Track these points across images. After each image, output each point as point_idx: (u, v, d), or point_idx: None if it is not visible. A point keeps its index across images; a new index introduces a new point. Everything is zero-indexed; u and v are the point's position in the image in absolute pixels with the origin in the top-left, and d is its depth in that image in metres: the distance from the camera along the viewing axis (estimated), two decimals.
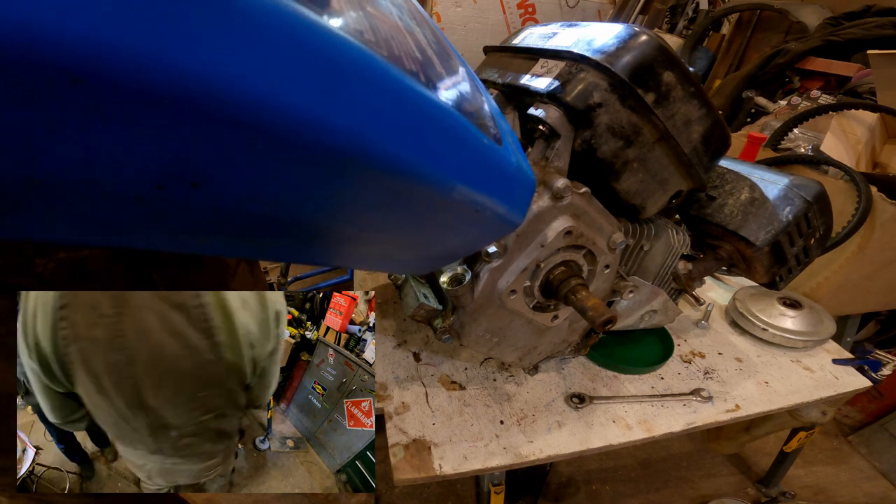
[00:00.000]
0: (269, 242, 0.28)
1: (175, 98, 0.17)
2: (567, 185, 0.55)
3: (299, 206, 0.25)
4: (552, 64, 0.60)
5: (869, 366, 0.93)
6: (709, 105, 0.60)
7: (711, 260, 0.80)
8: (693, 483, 1.26)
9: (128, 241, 0.23)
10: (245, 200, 0.23)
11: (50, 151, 0.17)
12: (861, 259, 1.15)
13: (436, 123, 0.29)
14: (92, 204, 0.19)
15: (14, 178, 0.17)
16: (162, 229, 0.22)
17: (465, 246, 0.42)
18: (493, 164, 0.36)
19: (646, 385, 0.81)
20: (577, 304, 0.58)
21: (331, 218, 0.27)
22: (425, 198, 0.30)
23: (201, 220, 0.23)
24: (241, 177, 0.21)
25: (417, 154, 0.27)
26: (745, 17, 2.35)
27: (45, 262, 0.48)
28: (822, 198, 0.72)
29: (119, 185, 0.19)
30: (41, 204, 0.19)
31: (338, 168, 0.23)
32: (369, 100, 0.23)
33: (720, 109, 1.64)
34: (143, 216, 0.21)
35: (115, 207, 0.20)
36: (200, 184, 0.20)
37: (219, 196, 0.21)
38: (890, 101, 1.45)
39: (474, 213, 0.35)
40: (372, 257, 0.36)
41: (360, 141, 0.23)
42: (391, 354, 0.84)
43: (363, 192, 0.26)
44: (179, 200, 0.20)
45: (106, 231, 0.21)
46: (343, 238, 0.30)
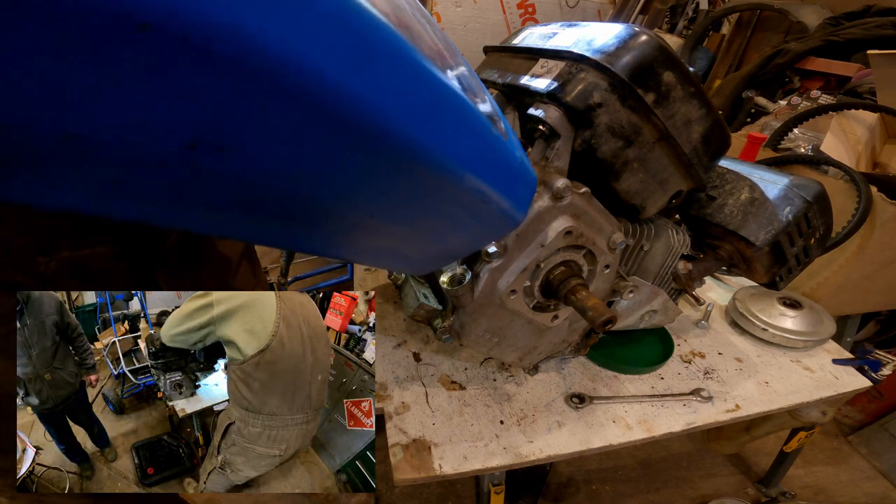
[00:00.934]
0: (281, 225, 0.28)
1: (227, 55, 0.18)
2: (567, 185, 0.55)
3: (317, 183, 0.25)
4: (552, 64, 0.60)
5: (869, 366, 0.93)
6: (709, 105, 0.60)
7: (711, 260, 0.80)
8: (693, 483, 1.26)
9: (142, 212, 0.23)
10: (266, 173, 0.23)
11: (95, 106, 0.17)
12: (861, 259, 1.15)
13: (451, 109, 0.30)
14: (118, 166, 0.20)
15: (50, 132, 0.17)
16: (178, 200, 0.23)
17: (467, 243, 0.42)
18: (501, 157, 0.37)
19: (646, 385, 0.81)
20: (577, 304, 0.58)
21: (345, 200, 0.28)
22: (436, 183, 0.31)
23: (220, 191, 0.23)
24: (266, 145, 0.22)
25: (434, 137, 0.28)
26: (745, 17, 2.35)
27: (48, 260, 0.48)
28: (822, 198, 0.72)
29: (150, 146, 0.19)
30: (67, 164, 0.19)
31: (358, 143, 0.24)
32: (395, 78, 0.24)
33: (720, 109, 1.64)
34: (165, 183, 0.21)
35: (139, 171, 0.20)
36: (226, 149, 0.21)
37: (242, 164, 0.22)
38: (890, 101, 1.45)
39: (481, 205, 0.35)
40: (376, 251, 0.36)
41: (383, 116, 0.24)
42: (391, 354, 0.84)
43: (378, 171, 0.27)
44: (203, 166, 0.21)
45: (121, 199, 0.21)
46: (353, 225, 0.31)
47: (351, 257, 0.36)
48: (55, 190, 0.20)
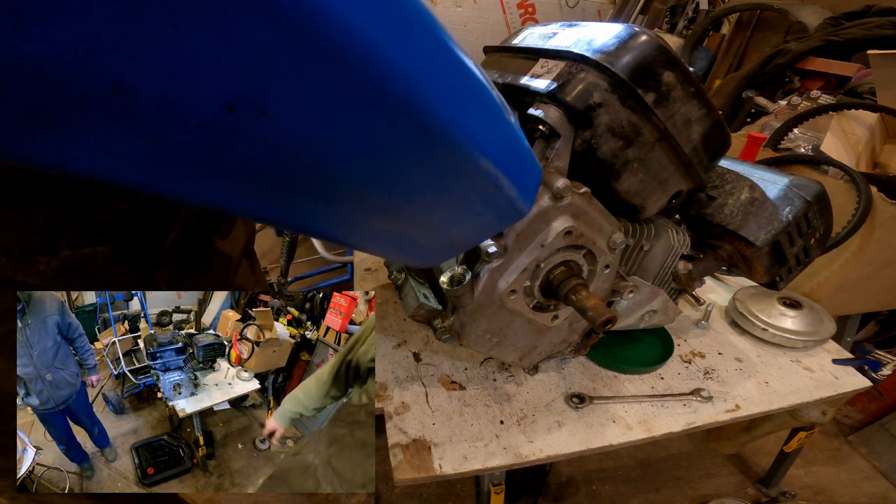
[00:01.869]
0: (301, 201, 0.28)
1: (287, 10, 0.18)
2: (567, 185, 0.55)
3: (346, 155, 0.26)
4: (552, 64, 0.60)
5: (869, 366, 0.93)
6: (709, 105, 0.60)
7: (711, 260, 0.80)
8: (693, 483, 1.26)
9: (166, 181, 0.23)
10: (299, 141, 0.24)
11: (154, 57, 0.17)
12: (861, 259, 1.15)
13: (474, 90, 0.31)
14: (157, 125, 0.20)
15: (102, 82, 0.17)
16: (206, 168, 0.23)
17: (473, 232, 0.43)
18: (515, 144, 0.37)
19: (646, 385, 0.81)
20: (577, 304, 0.58)
21: (369, 175, 0.28)
22: (456, 163, 0.31)
23: (250, 159, 0.23)
24: (304, 110, 0.22)
25: (458, 115, 0.29)
26: (745, 17, 2.35)
27: (48, 260, 0.48)
28: (822, 198, 0.72)
29: (195, 104, 0.19)
30: (109, 120, 0.19)
31: (389, 112, 0.25)
32: (428, 50, 0.25)
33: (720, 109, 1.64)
34: (197, 147, 0.21)
35: (176, 132, 0.20)
36: (268, 112, 0.21)
37: (277, 129, 0.22)
38: (890, 101, 1.45)
39: (493, 190, 0.36)
40: (386, 237, 0.36)
41: (415, 86, 0.25)
42: (391, 354, 0.84)
43: (403, 145, 0.27)
44: (242, 128, 0.21)
45: (150, 165, 0.22)
46: (370, 206, 0.31)
47: (360, 243, 0.36)
48: (88, 150, 0.20)
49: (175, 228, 0.57)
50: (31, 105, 0.17)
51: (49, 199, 0.46)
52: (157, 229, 0.56)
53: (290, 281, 1.84)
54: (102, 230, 0.50)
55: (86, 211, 0.48)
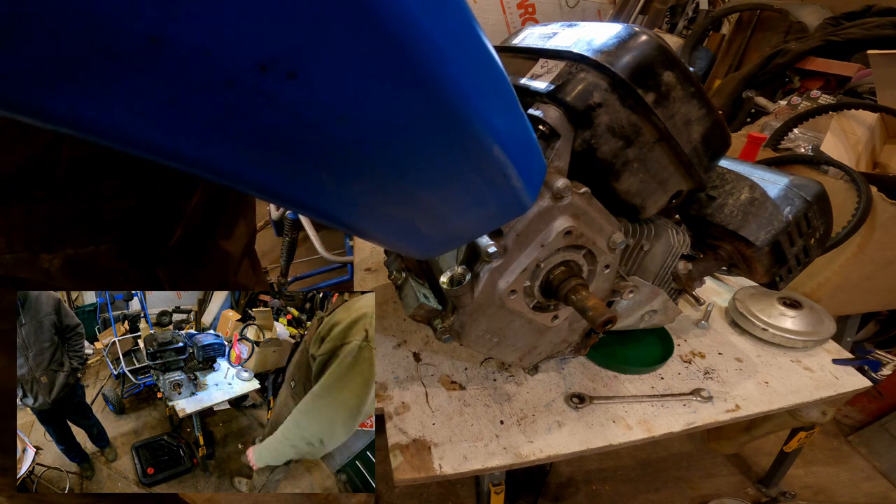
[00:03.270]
0: (313, 176, 0.28)
1: None
2: (567, 185, 0.55)
3: (365, 127, 0.26)
4: (552, 64, 0.60)
5: (869, 366, 0.93)
6: (709, 105, 0.60)
7: (711, 260, 0.80)
8: (693, 483, 1.26)
9: (180, 143, 0.23)
10: (321, 109, 0.24)
11: (195, 7, 0.17)
12: (861, 259, 1.14)
13: (494, 74, 0.31)
14: (185, 81, 0.20)
15: (138, 32, 0.17)
16: (224, 132, 0.23)
17: (478, 223, 0.43)
18: (525, 135, 0.38)
19: (646, 385, 0.81)
20: (577, 304, 0.58)
21: (384, 152, 0.28)
22: (470, 147, 0.31)
23: (270, 125, 0.23)
24: (331, 75, 0.22)
25: (480, 97, 0.29)
26: (745, 17, 2.35)
27: (52, 257, 0.48)
28: (822, 198, 0.72)
29: (227, 60, 0.19)
30: (138, 72, 0.19)
31: (413, 85, 0.25)
32: (458, 27, 0.26)
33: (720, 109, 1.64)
34: (220, 107, 0.21)
35: (203, 89, 0.20)
36: (297, 75, 0.21)
37: (303, 95, 0.22)
38: (890, 101, 1.45)
39: (502, 179, 0.36)
40: (391, 222, 0.37)
41: (441, 60, 0.25)
42: (391, 354, 0.84)
43: (421, 122, 0.28)
44: (269, 91, 0.21)
45: (169, 124, 0.21)
46: (380, 187, 0.31)
47: (363, 226, 0.36)
48: (111, 106, 0.20)
49: (179, 227, 0.57)
50: (66, 55, 0.17)
51: (53, 196, 0.46)
52: (161, 228, 0.56)
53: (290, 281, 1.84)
54: (106, 229, 0.50)
55: (90, 209, 0.48)
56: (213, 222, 0.65)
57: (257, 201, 1.11)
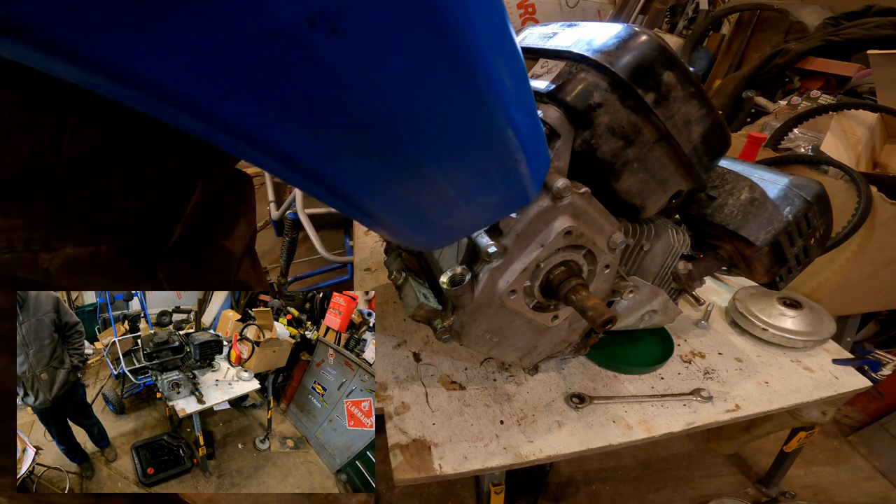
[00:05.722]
0: (334, 143, 0.28)
1: None
2: (567, 185, 0.55)
3: (394, 96, 0.26)
4: (552, 64, 0.60)
5: (869, 366, 0.93)
6: (709, 105, 0.60)
7: (711, 260, 0.80)
8: (693, 483, 1.26)
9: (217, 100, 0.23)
10: (355, 71, 0.24)
11: None
12: (861, 259, 1.14)
13: (516, 61, 0.32)
14: (234, 29, 0.20)
15: None
16: (261, 89, 0.23)
17: (485, 212, 0.44)
18: (536, 124, 0.39)
19: (646, 385, 0.81)
20: (577, 304, 0.58)
21: (406, 124, 0.29)
22: (488, 127, 0.32)
23: (310, 82, 0.24)
24: (371, 36, 0.23)
25: (502, 79, 0.30)
26: (745, 17, 2.35)
27: (51, 257, 0.48)
28: (822, 198, 0.72)
29: (280, 11, 0.20)
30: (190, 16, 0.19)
31: (446, 55, 0.26)
32: (490, 9, 0.27)
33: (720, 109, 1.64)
34: (268, 59, 0.22)
35: (250, 41, 0.20)
36: (341, 31, 0.22)
37: (344, 52, 0.23)
38: (890, 101, 1.45)
39: (512, 164, 0.37)
40: (398, 207, 0.37)
41: (474, 38, 0.26)
42: (391, 354, 0.84)
43: (447, 95, 0.28)
44: (312, 45, 0.22)
45: (211, 78, 0.22)
46: (397, 164, 0.32)
47: (373, 208, 0.37)
48: (160, 48, 0.20)
49: (179, 226, 0.57)
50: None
51: (52, 196, 0.46)
52: (161, 228, 0.56)
53: (290, 281, 1.84)
54: (105, 228, 0.50)
55: (89, 209, 0.48)
56: (213, 222, 0.65)
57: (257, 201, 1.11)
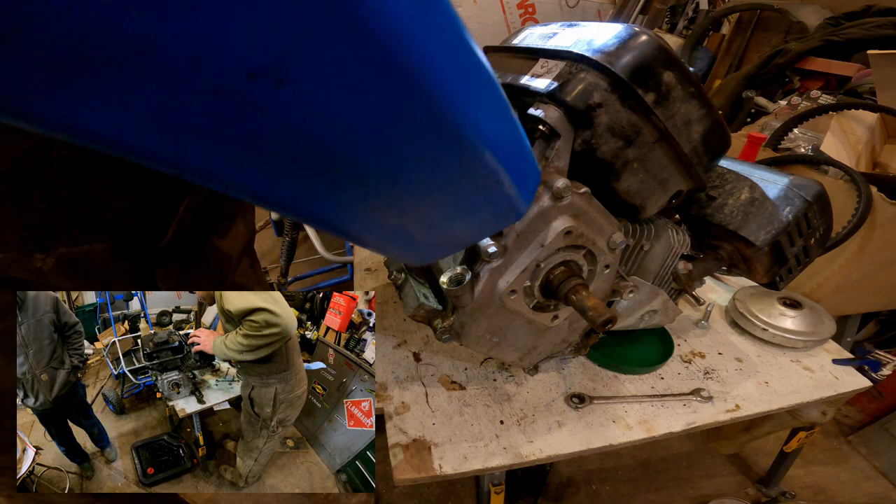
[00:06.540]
0: (304, 182, 0.28)
1: None
2: (567, 185, 0.55)
3: (357, 133, 0.26)
4: (552, 64, 0.60)
5: (869, 366, 0.93)
6: (709, 105, 0.60)
7: (711, 260, 0.80)
8: (693, 483, 1.26)
9: (170, 148, 0.23)
10: (310, 116, 0.24)
11: (189, 16, 0.18)
12: (861, 259, 1.15)
13: (484, 80, 0.31)
14: (176, 88, 0.20)
15: (133, 37, 0.18)
16: (213, 138, 0.23)
17: (470, 230, 0.43)
18: (518, 141, 0.38)
19: (646, 385, 0.81)
20: (577, 304, 0.58)
21: (377, 157, 0.28)
22: (463, 153, 0.31)
23: (263, 130, 0.23)
24: (320, 82, 0.22)
25: (470, 103, 0.29)
26: (745, 17, 2.35)
27: (45, 257, 0.48)
28: (822, 198, 0.72)
29: (216, 68, 0.20)
30: (131, 77, 0.19)
31: (401, 93, 0.25)
32: (445, 32, 0.25)
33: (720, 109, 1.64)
34: (210, 114, 0.21)
35: (192, 97, 0.20)
36: (285, 83, 0.21)
37: (292, 101, 0.22)
38: (890, 101, 1.45)
39: (494, 185, 0.36)
40: (384, 228, 0.36)
41: (430, 66, 0.25)
42: (391, 354, 0.84)
43: (412, 128, 0.27)
44: (257, 98, 0.21)
45: (159, 130, 0.22)
46: (373, 192, 0.31)
47: (358, 233, 0.36)
48: (100, 110, 0.20)
49: (172, 225, 0.57)
50: (58, 59, 0.17)
51: (46, 195, 0.46)
52: (155, 227, 0.56)
53: (290, 281, 1.84)
54: (100, 228, 0.50)
55: (83, 208, 0.48)
56: (209, 221, 0.65)
57: None
